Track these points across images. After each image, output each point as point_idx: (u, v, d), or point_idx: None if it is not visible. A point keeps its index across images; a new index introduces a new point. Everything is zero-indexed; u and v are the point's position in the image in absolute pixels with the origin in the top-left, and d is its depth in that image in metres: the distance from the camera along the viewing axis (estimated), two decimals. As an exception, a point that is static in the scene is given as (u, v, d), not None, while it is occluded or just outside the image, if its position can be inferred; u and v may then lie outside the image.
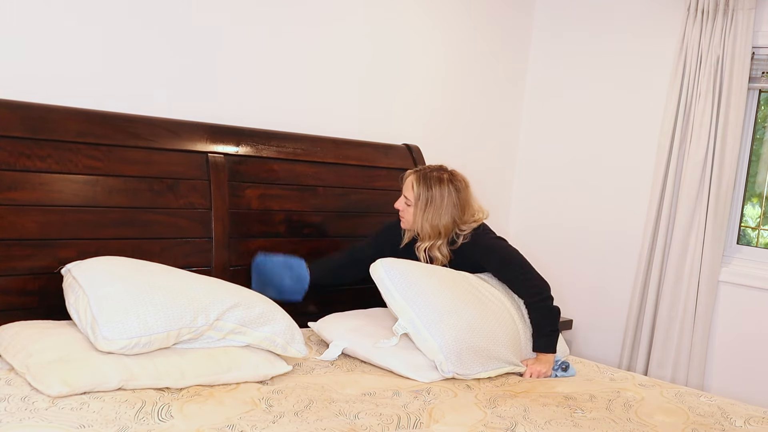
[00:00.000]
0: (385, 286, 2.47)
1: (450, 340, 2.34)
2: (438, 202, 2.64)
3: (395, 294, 2.44)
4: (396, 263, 2.51)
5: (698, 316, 3.46)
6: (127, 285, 2.07)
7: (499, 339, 2.44)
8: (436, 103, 3.72)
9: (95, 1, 2.52)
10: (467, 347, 2.36)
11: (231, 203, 2.74)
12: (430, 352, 2.36)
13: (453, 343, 2.34)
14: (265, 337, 2.20)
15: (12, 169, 2.24)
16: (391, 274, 2.47)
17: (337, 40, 3.24)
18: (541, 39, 4.12)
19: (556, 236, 4.07)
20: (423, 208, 2.64)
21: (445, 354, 2.33)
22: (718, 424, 2.14)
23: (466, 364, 2.35)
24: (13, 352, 1.96)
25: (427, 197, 2.64)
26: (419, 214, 2.65)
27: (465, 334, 2.37)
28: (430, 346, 2.35)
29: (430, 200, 2.63)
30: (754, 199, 3.59)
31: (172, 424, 1.75)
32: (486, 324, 2.44)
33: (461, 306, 2.44)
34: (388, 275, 2.47)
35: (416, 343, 2.40)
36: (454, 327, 2.37)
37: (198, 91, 2.82)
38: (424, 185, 2.65)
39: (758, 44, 3.40)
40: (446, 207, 2.64)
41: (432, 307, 2.40)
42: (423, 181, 2.66)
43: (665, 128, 3.56)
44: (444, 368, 2.33)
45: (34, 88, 2.40)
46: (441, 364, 2.34)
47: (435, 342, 2.34)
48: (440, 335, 2.35)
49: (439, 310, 2.40)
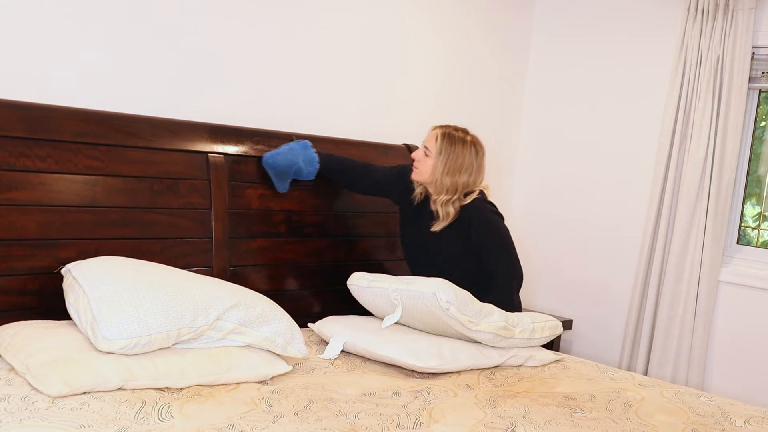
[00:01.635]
0: (367, 280, 2.65)
1: (443, 282, 2.49)
2: (459, 160, 2.73)
3: (379, 279, 2.62)
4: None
5: (698, 316, 3.46)
6: (127, 285, 2.07)
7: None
8: (436, 103, 3.72)
9: (95, 2, 2.52)
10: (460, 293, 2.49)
11: (231, 203, 2.74)
12: (428, 287, 2.45)
13: (447, 284, 2.49)
14: (265, 337, 2.20)
15: (12, 169, 2.24)
16: (364, 275, 2.70)
17: (337, 40, 3.24)
18: (541, 39, 4.12)
19: (556, 236, 4.07)
20: (444, 162, 2.73)
21: (441, 286, 2.44)
22: (718, 424, 2.14)
23: (463, 304, 2.45)
24: (13, 352, 1.96)
25: (450, 153, 2.73)
26: (440, 166, 2.73)
27: (462, 291, 2.54)
28: (427, 283, 2.47)
29: (453, 156, 2.73)
30: (753, 199, 3.59)
31: (172, 424, 1.75)
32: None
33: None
34: (364, 276, 2.69)
35: (414, 289, 2.48)
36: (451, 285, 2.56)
37: (198, 91, 2.82)
38: (449, 141, 2.74)
39: (758, 44, 3.40)
40: (466, 167, 2.74)
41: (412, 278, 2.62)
42: (448, 137, 2.75)
43: (665, 128, 3.56)
44: (442, 297, 2.42)
45: (35, 88, 2.40)
46: (438, 293, 2.42)
47: (430, 282, 2.48)
48: (432, 281, 2.49)
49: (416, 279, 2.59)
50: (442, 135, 2.76)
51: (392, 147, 3.36)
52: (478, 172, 2.78)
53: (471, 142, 2.77)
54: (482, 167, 2.81)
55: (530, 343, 2.65)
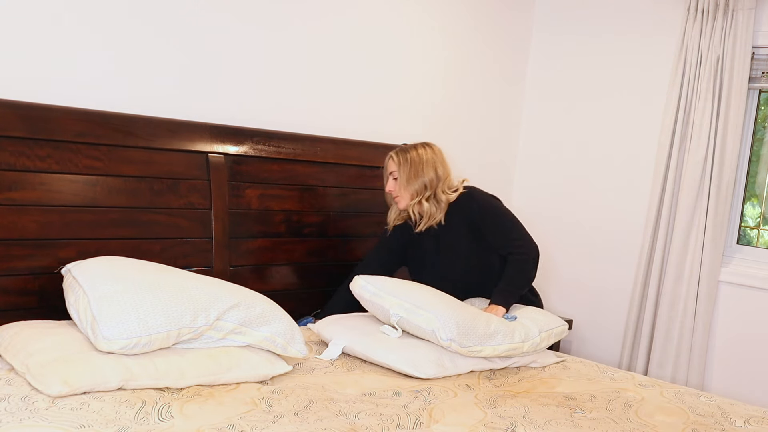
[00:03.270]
0: (369, 292, 2.57)
1: (445, 311, 2.44)
2: (417, 161, 2.81)
3: (382, 294, 2.54)
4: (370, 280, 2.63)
5: (698, 316, 3.46)
6: (127, 285, 2.07)
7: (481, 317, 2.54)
8: (436, 103, 3.72)
9: (95, 2, 2.52)
10: (463, 321, 2.43)
11: (231, 203, 2.74)
12: (428, 323, 2.42)
13: (449, 313, 2.44)
14: (265, 337, 2.20)
15: (12, 169, 2.24)
16: (369, 281, 2.60)
17: (337, 40, 3.24)
18: (541, 39, 4.12)
19: (557, 235, 4.07)
20: (407, 171, 2.81)
21: (442, 321, 2.40)
22: (718, 424, 2.14)
23: (464, 335, 2.40)
24: (13, 352, 1.96)
25: (406, 161, 2.82)
26: (403, 177, 2.81)
27: (459, 309, 2.50)
28: (428, 318, 2.43)
29: (411, 161, 2.81)
30: (754, 199, 3.59)
31: (172, 424, 1.74)
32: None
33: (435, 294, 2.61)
34: (369, 283, 2.59)
35: (414, 321, 2.45)
36: (447, 302, 2.53)
37: (198, 91, 2.82)
38: (402, 154, 2.85)
39: (758, 44, 3.40)
40: (425, 164, 2.81)
41: (416, 293, 2.55)
42: (401, 152, 2.86)
43: (665, 128, 3.56)
44: (442, 335, 2.39)
45: (35, 88, 2.40)
46: (438, 331, 2.39)
47: (431, 313, 2.43)
48: (433, 309, 2.45)
49: (420, 297, 2.53)
50: (396, 153, 2.86)
51: (392, 147, 3.35)
52: (442, 165, 2.84)
53: (422, 145, 2.87)
54: (444, 162, 2.87)
55: (537, 351, 2.65)
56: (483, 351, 2.44)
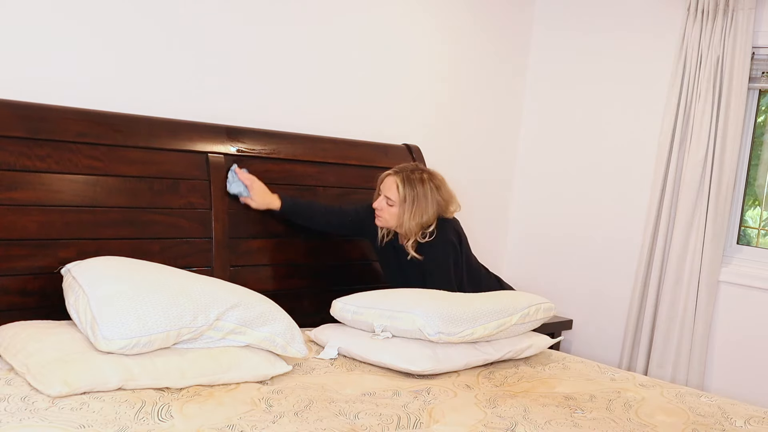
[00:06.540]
0: (350, 312, 2.58)
1: (427, 307, 2.45)
2: (423, 200, 2.74)
3: (362, 310, 2.55)
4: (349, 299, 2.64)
5: (698, 316, 3.46)
6: (126, 285, 2.07)
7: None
8: (436, 103, 3.72)
9: (96, 2, 2.52)
10: (445, 311, 2.44)
11: (231, 203, 2.74)
12: (413, 323, 2.42)
13: (430, 307, 2.45)
14: (264, 337, 2.20)
15: (12, 169, 2.24)
16: (347, 302, 2.61)
17: (338, 40, 3.24)
18: (542, 39, 4.12)
19: (557, 234, 4.07)
20: (410, 209, 2.73)
21: (425, 318, 2.40)
22: (718, 424, 2.14)
23: (451, 324, 2.41)
24: (13, 352, 1.96)
25: (413, 196, 2.73)
26: (405, 213, 2.73)
27: (439, 299, 2.52)
28: (411, 318, 2.43)
29: (416, 199, 2.73)
30: (756, 202, 3.59)
31: (172, 424, 1.74)
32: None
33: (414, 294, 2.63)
34: (347, 304, 2.60)
35: (400, 326, 2.45)
36: (426, 297, 2.54)
37: (198, 92, 2.82)
38: (409, 186, 2.74)
39: (758, 44, 3.40)
40: (430, 203, 2.74)
41: (393, 299, 2.57)
42: (407, 182, 2.75)
43: (665, 128, 3.56)
44: (429, 331, 2.39)
45: (36, 88, 2.40)
46: (424, 328, 2.39)
47: (413, 313, 2.43)
48: (414, 308, 2.45)
49: (398, 301, 2.55)
50: (402, 181, 2.75)
51: (392, 147, 3.36)
52: (448, 203, 2.79)
53: (428, 179, 2.77)
54: (450, 196, 2.81)
55: (527, 328, 2.67)
56: (475, 333, 2.46)
